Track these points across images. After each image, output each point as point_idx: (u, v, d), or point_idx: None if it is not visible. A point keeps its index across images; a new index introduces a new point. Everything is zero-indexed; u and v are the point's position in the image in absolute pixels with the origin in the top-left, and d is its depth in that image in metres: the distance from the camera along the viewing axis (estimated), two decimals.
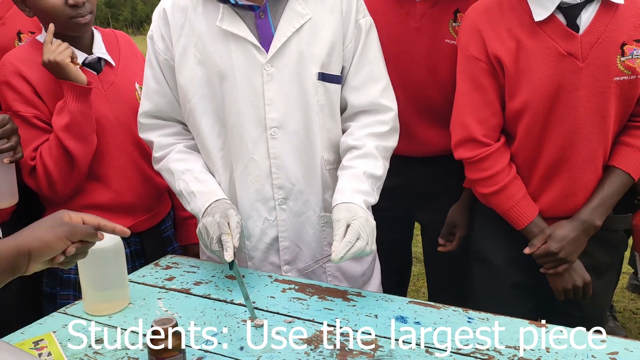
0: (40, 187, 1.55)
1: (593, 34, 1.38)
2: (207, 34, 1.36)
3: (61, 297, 1.60)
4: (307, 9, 1.36)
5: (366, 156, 1.39)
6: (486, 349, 1.09)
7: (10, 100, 1.50)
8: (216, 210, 1.34)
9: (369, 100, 1.44)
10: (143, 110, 1.49)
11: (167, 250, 1.78)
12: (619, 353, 1.07)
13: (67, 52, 1.46)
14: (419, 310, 1.25)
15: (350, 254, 1.22)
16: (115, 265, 1.27)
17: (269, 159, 1.40)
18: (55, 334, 1.17)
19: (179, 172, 1.44)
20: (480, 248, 1.67)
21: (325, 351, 1.10)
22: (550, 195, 1.49)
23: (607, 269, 1.60)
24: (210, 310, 1.27)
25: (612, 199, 1.46)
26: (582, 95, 1.40)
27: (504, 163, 1.51)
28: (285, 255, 1.47)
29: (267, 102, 1.37)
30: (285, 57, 1.35)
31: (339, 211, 1.30)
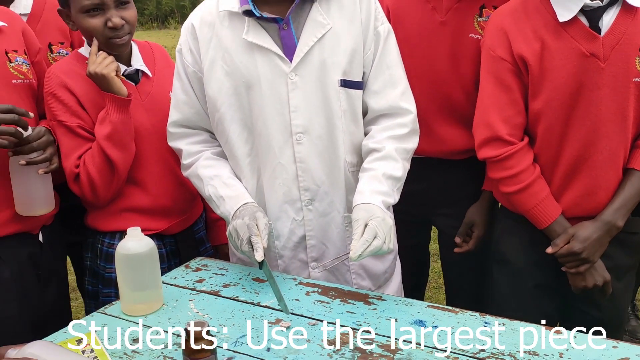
0: (83, 193, 1.65)
1: (614, 36, 1.43)
2: (234, 47, 1.43)
3: (103, 294, 1.68)
4: (328, 19, 1.43)
5: (386, 158, 1.45)
6: (501, 353, 1.14)
7: (55, 110, 1.59)
8: (245, 213, 1.41)
9: (388, 104, 1.50)
10: (172, 120, 1.57)
11: (200, 251, 1.86)
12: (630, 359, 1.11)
13: (112, 66, 1.54)
14: (437, 314, 1.30)
15: (367, 252, 1.28)
16: (149, 269, 1.35)
17: (295, 163, 1.47)
18: (96, 334, 1.26)
19: (207, 177, 1.52)
20: (501, 249, 1.72)
21: (347, 353, 1.17)
22: (572, 194, 1.53)
23: (626, 271, 1.63)
24: (239, 312, 1.34)
25: (633, 200, 1.50)
26: (604, 94, 1.44)
27: (529, 162, 1.55)
28: (313, 253, 1.54)
29: (292, 109, 1.44)
30: (308, 66, 1.42)
31: (357, 211, 1.37)
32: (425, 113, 1.74)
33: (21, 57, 1.60)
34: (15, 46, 1.59)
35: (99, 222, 1.69)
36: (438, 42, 1.73)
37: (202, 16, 1.48)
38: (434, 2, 1.72)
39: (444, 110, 1.80)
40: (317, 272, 1.54)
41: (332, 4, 1.45)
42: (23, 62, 1.60)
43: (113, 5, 1.56)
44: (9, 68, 1.56)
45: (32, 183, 1.52)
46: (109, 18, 1.55)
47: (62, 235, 1.77)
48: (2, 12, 1.63)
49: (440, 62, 1.74)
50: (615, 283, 1.58)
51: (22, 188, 1.52)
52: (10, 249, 1.57)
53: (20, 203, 1.54)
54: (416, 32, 1.71)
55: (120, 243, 1.33)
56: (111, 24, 1.55)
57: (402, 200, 1.52)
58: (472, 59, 1.72)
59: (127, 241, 1.33)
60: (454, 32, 1.71)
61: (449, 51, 1.73)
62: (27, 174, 1.51)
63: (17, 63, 1.58)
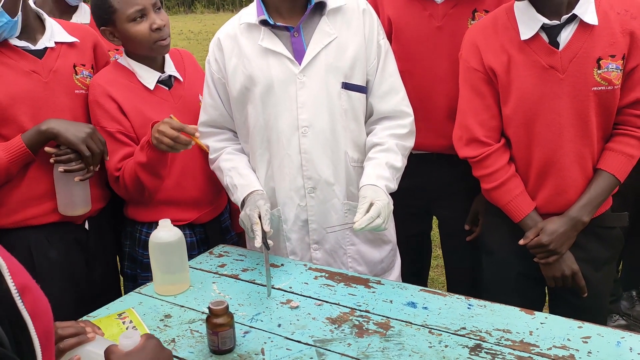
0: (121, 194, 1.87)
1: (571, 50, 1.58)
2: (251, 53, 1.65)
3: (142, 277, 1.89)
4: (334, 30, 1.64)
5: (388, 150, 1.66)
6: (479, 331, 1.32)
7: (98, 117, 1.78)
8: (248, 203, 1.63)
9: (391, 107, 1.70)
10: (201, 120, 1.80)
11: (226, 238, 2.05)
12: (591, 337, 1.28)
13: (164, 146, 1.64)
14: (428, 297, 1.49)
15: (369, 227, 1.48)
16: (178, 255, 1.56)
17: (300, 154, 1.67)
18: (134, 309, 1.47)
19: (226, 169, 1.75)
20: (487, 241, 1.88)
21: (346, 329, 1.36)
22: (545, 193, 1.69)
23: (604, 263, 1.75)
24: (255, 294, 1.55)
25: (599, 198, 1.65)
26: (563, 102, 1.60)
27: (504, 162, 1.71)
28: (314, 236, 1.74)
29: (300, 105, 1.64)
30: (314, 68, 1.63)
31: (365, 190, 1.57)
32: (426, 110, 1.91)
33: (87, 71, 1.82)
34: (84, 60, 1.82)
35: (138, 214, 1.89)
36: (436, 45, 1.88)
37: (227, 31, 1.72)
38: (431, 9, 1.87)
39: (444, 107, 1.95)
40: (319, 254, 1.74)
41: (338, 18, 1.66)
42: (88, 75, 1.82)
43: (152, 10, 1.75)
44: (74, 80, 1.79)
45: (71, 188, 1.73)
46: (153, 22, 1.74)
47: (109, 222, 1.98)
48: (76, 28, 1.86)
49: (439, 63, 1.90)
50: (594, 273, 1.72)
51: (63, 191, 1.73)
52: (57, 234, 1.79)
53: (61, 204, 1.75)
54: (416, 37, 1.87)
55: (153, 233, 1.54)
56: (156, 25, 1.74)
57: (404, 193, 1.70)
58: None
59: (158, 231, 1.54)
60: (450, 35, 1.86)
61: (447, 53, 1.88)
62: (66, 180, 1.71)
63: (82, 76, 1.81)
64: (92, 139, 1.69)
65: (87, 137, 1.67)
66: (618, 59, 1.56)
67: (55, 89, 1.73)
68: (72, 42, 1.80)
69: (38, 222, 1.75)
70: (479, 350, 1.25)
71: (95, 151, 1.70)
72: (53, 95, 1.72)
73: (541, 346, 1.25)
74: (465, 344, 1.28)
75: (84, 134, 1.67)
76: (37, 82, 1.70)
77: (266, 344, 1.32)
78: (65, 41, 1.78)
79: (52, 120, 1.67)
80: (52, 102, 1.72)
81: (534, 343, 1.26)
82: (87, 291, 1.85)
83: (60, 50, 1.77)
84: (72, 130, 1.67)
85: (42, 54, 1.73)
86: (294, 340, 1.33)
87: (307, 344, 1.31)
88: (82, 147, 1.67)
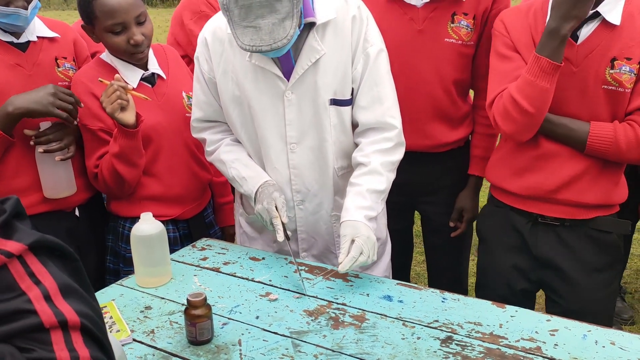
0: (102, 190, 1.89)
1: (588, 46, 1.59)
2: (240, 66, 1.62)
3: (124, 272, 1.90)
4: (322, 45, 1.58)
5: (371, 173, 1.61)
6: (451, 324, 1.36)
7: (80, 114, 1.79)
8: (264, 196, 1.64)
9: (375, 118, 1.64)
10: (195, 117, 1.79)
11: (210, 233, 2.08)
12: (558, 330, 1.31)
13: (115, 105, 1.67)
14: (403, 290, 1.52)
15: (354, 266, 1.49)
16: (159, 248, 1.59)
17: (289, 169, 1.68)
18: (114, 302, 1.50)
19: (229, 161, 1.74)
20: (481, 229, 1.92)
21: (322, 322, 1.39)
22: (534, 179, 1.71)
23: (599, 269, 1.72)
24: (235, 286, 1.57)
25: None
26: (573, 95, 1.62)
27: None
28: (303, 244, 1.78)
29: (288, 122, 1.64)
30: (302, 86, 1.61)
31: (345, 227, 1.55)
32: (410, 112, 1.93)
33: (69, 64, 1.85)
34: (65, 54, 1.84)
35: (121, 209, 1.91)
36: (418, 48, 1.91)
37: (214, 31, 1.64)
38: (411, 13, 1.90)
39: (427, 108, 1.99)
40: (308, 260, 1.76)
41: (327, 31, 1.58)
42: (70, 68, 1.85)
43: (134, 24, 1.74)
44: (57, 72, 1.81)
45: (54, 169, 1.75)
46: (131, 36, 1.73)
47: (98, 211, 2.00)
48: (57, 24, 1.89)
49: (421, 65, 1.93)
50: (586, 278, 1.72)
51: (46, 174, 1.76)
52: (47, 222, 1.80)
53: (46, 187, 1.78)
54: (398, 40, 1.89)
55: (135, 226, 1.56)
56: (133, 41, 1.74)
57: (390, 190, 1.72)
58: (449, 60, 1.91)
59: (140, 224, 1.56)
60: (431, 38, 1.89)
61: (428, 55, 1.91)
62: (48, 162, 1.74)
63: (64, 68, 1.83)
64: (59, 98, 1.69)
65: (54, 99, 1.67)
66: (634, 62, 1.55)
67: (39, 82, 1.74)
68: (53, 37, 1.82)
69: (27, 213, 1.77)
70: (450, 342, 1.29)
71: (68, 107, 1.70)
72: (37, 87, 1.74)
73: (510, 338, 1.29)
74: (437, 336, 1.31)
75: (50, 97, 1.67)
76: (21, 74, 1.73)
77: (243, 335, 1.35)
78: (46, 36, 1.80)
79: (14, 98, 1.66)
80: None
81: (503, 335, 1.30)
82: None
83: (42, 44, 1.79)
84: (37, 99, 1.66)
85: (26, 47, 1.75)
86: (270, 332, 1.36)
87: (284, 336, 1.34)
88: (56, 112, 1.68)
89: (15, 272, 0.61)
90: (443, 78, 1.94)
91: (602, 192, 1.68)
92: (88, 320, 0.63)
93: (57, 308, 0.61)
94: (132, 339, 1.34)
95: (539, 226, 1.75)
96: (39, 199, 1.78)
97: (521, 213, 1.76)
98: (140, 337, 1.36)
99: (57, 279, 0.63)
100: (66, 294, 0.63)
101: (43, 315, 0.60)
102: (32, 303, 0.60)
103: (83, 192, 1.87)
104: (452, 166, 2.09)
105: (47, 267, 0.63)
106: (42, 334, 0.60)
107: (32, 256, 0.63)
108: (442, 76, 1.93)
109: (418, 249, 3.45)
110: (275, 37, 1.37)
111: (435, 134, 2.02)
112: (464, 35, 1.89)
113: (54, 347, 0.60)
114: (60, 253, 0.65)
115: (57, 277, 0.63)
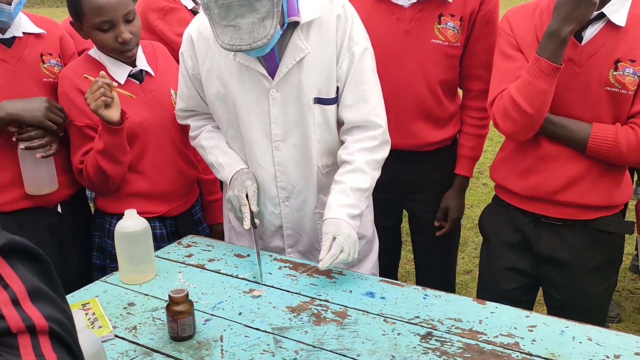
0: (87, 187, 1.90)
1: (592, 47, 1.58)
2: (224, 64, 1.63)
3: (111, 268, 1.90)
4: (307, 44, 1.58)
5: (355, 171, 1.61)
6: (432, 320, 1.37)
7: (67, 110, 1.80)
8: (236, 183, 1.67)
9: (361, 117, 1.64)
10: (179, 107, 1.83)
11: (198, 230, 2.08)
12: (537, 326, 1.33)
13: (99, 102, 1.66)
14: (386, 287, 1.53)
15: (334, 264, 1.50)
16: (144, 245, 1.59)
17: (274, 166, 1.70)
18: (98, 298, 1.51)
19: (209, 147, 1.78)
20: (483, 226, 1.92)
21: (304, 317, 1.40)
22: (534, 180, 1.71)
23: (596, 267, 1.72)
24: (219, 283, 1.58)
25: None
26: (575, 96, 1.61)
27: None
28: (289, 240, 1.79)
29: (273, 120, 1.65)
30: (287, 85, 1.61)
31: (327, 225, 1.56)
32: (396, 111, 1.94)
33: (54, 60, 1.85)
34: (51, 50, 1.85)
35: (107, 205, 1.91)
36: (404, 48, 1.91)
37: (200, 29, 1.64)
38: (398, 13, 1.90)
39: (413, 108, 1.99)
40: (293, 255, 1.78)
41: (312, 29, 1.58)
42: (55, 64, 1.85)
43: (122, 22, 1.74)
44: (42, 68, 1.81)
45: (35, 166, 1.76)
46: (119, 34, 1.74)
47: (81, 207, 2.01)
48: (43, 21, 1.89)
49: (407, 65, 1.93)
50: (583, 273, 1.72)
51: (28, 170, 1.76)
52: (28, 218, 1.81)
53: (27, 184, 1.78)
54: (384, 40, 1.90)
55: (119, 222, 1.57)
56: (121, 39, 1.74)
57: (377, 188, 1.73)
58: (435, 61, 1.91)
59: (124, 221, 1.57)
60: (417, 39, 1.90)
61: (415, 56, 1.92)
62: (30, 158, 1.74)
63: (49, 64, 1.83)
64: (52, 112, 1.72)
65: (47, 112, 1.71)
66: (638, 64, 1.54)
67: (24, 77, 1.75)
68: (39, 33, 1.82)
69: (8, 209, 1.78)
70: (430, 337, 1.30)
71: (59, 121, 1.74)
72: (21, 83, 1.74)
73: (488, 334, 1.30)
74: (417, 332, 1.33)
75: (43, 109, 1.71)
76: (6, 70, 1.73)
77: (225, 332, 1.35)
78: (32, 32, 1.81)
79: (6, 103, 1.68)
80: (20, 90, 1.74)
81: (482, 331, 1.31)
82: (60, 277, 1.87)
83: (28, 40, 1.79)
84: (30, 109, 1.69)
85: (11, 43, 1.75)
86: (252, 328, 1.36)
87: (266, 332, 1.35)
88: (47, 124, 1.71)
89: None
90: (429, 78, 1.94)
91: (605, 193, 1.66)
92: (57, 325, 0.63)
93: (25, 312, 0.61)
94: (114, 335, 1.35)
95: (541, 226, 1.75)
96: (20, 195, 1.78)
97: (524, 213, 1.76)
98: (122, 333, 1.36)
99: (25, 283, 0.62)
100: (35, 298, 0.62)
101: (10, 320, 0.60)
102: None
103: (65, 189, 1.88)
104: (439, 165, 2.10)
105: (16, 271, 0.62)
106: (9, 338, 0.59)
107: (0, 259, 0.62)
108: (428, 77, 1.94)
109: (408, 247, 3.46)
110: (255, 36, 1.38)
111: (421, 133, 2.03)
112: (450, 37, 1.90)
113: (20, 352, 0.59)
114: (30, 255, 0.65)
115: (26, 281, 0.62)
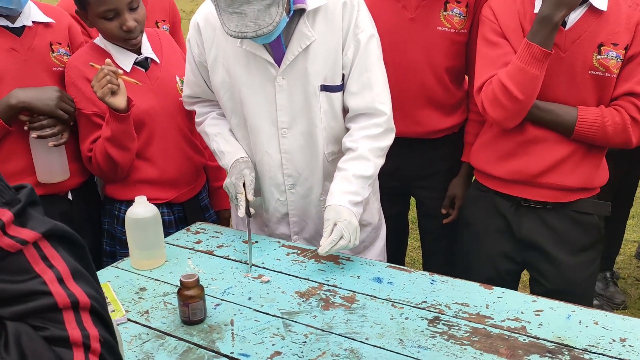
0: (96, 174, 1.92)
1: (576, 31, 1.61)
2: (231, 52, 1.64)
3: (120, 254, 1.93)
4: (313, 32, 1.59)
5: (359, 158, 1.62)
6: (439, 304, 1.38)
7: (75, 98, 1.81)
8: (234, 171, 1.69)
9: (365, 104, 1.65)
10: (185, 94, 1.85)
11: (205, 216, 2.10)
12: (543, 311, 1.34)
13: (105, 90, 1.67)
14: (393, 273, 1.55)
15: (334, 249, 1.51)
16: (154, 231, 1.61)
17: (280, 153, 1.71)
18: (110, 283, 1.53)
19: (212, 134, 1.80)
20: (466, 214, 1.94)
21: (313, 302, 1.42)
22: (520, 163, 1.73)
23: (582, 250, 1.76)
24: (228, 269, 1.60)
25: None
26: (561, 80, 1.64)
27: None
28: (295, 228, 1.81)
29: (279, 107, 1.66)
30: (293, 72, 1.62)
31: (328, 211, 1.58)
32: (403, 99, 1.95)
33: (64, 49, 1.86)
34: (59, 39, 1.86)
35: (117, 192, 1.93)
36: (410, 36, 1.91)
37: (207, 17, 1.65)
38: (404, 1, 1.90)
39: (419, 95, 2.00)
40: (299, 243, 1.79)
41: (318, 17, 1.59)
42: (64, 53, 1.87)
43: (126, 10, 1.74)
44: (51, 57, 1.83)
45: (47, 155, 1.77)
46: (124, 23, 1.74)
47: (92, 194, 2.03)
48: (51, 10, 1.90)
49: (413, 53, 1.93)
50: (569, 258, 1.75)
51: (40, 159, 1.78)
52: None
53: (39, 172, 1.80)
54: (390, 28, 1.89)
55: (129, 209, 1.59)
56: (126, 27, 1.75)
57: (385, 175, 1.74)
58: (441, 49, 1.91)
59: (135, 207, 1.58)
60: (423, 27, 1.90)
61: (421, 43, 1.92)
62: (42, 147, 1.76)
63: (59, 54, 1.84)
64: (63, 101, 1.75)
65: (58, 102, 1.73)
66: (620, 48, 1.57)
67: (34, 66, 1.76)
68: (48, 22, 1.83)
69: None
70: (437, 322, 1.32)
71: (70, 110, 1.77)
72: (32, 72, 1.75)
73: (495, 318, 1.32)
74: (425, 316, 1.34)
75: (55, 99, 1.73)
76: (17, 59, 1.74)
77: (235, 316, 1.37)
78: (41, 21, 1.82)
79: (19, 91, 1.70)
80: (31, 78, 1.75)
81: (489, 315, 1.33)
82: None
83: (37, 29, 1.80)
84: (42, 98, 1.71)
85: (21, 32, 1.76)
86: (262, 312, 1.38)
87: (275, 316, 1.37)
88: (58, 113, 1.73)
89: (30, 257, 0.66)
90: (435, 66, 1.95)
91: (585, 176, 1.70)
92: (96, 302, 0.68)
93: (70, 290, 0.66)
94: (127, 319, 1.37)
95: (522, 209, 1.78)
96: (32, 183, 1.79)
97: (505, 197, 1.79)
98: (134, 317, 1.39)
99: (68, 264, 0.68)
100: (76, 277, 0.68)
101: (57, 296, 0.65)
102: (46, 285, 0.65)
103: (76, 177, 1.89)
104: (447, 152, 2.10)
105: (59, 253, 0.68)
106: (55, 313, 0.65)
107: (45, 242, 0.68)
108: (434, 64, 1.94)
109: (414, 235, 3.48)
110: (260, 23, 1.38)
111: (427, 121, 2.03)
112: (456, 24, 1.90)
113: (66, 326, 0.65)
114: (70, 240, 0.71)
115: (68, 262, 0.68)
